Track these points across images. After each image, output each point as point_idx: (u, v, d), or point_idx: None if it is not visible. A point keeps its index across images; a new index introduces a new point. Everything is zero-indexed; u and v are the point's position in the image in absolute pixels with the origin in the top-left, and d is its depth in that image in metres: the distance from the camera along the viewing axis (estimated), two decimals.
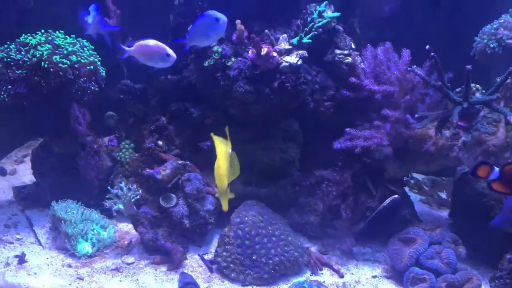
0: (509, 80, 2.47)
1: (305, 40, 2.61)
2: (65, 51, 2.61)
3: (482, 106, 2.43)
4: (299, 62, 2.57)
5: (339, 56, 2.73)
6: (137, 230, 2.60)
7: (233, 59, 2.64)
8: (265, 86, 2.60)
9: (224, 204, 2.04)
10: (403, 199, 2.61)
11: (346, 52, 2.73)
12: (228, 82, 2.62)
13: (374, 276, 2.51)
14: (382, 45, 2.64)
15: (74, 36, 2.74)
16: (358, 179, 2.69)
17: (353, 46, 2.77)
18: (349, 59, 2.72)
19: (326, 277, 2.48)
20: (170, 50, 2.38)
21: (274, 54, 2.56)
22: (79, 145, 2.89)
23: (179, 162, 2.69)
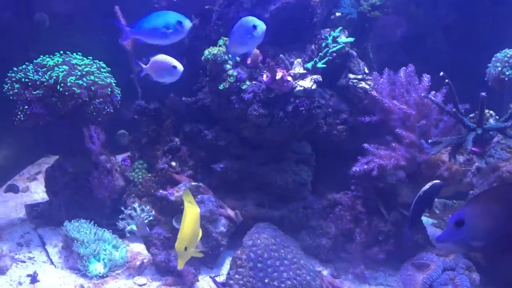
0: None
1: (319, 65, 2.63)
2: (82, 73, 2.65)
3: (496, 132, 2.43)
4: (313, 87, 2.59)
5: (353, 80, 2.74)
6: (149, 251, 2.60)
7: (248, 83, 2.67)
8: (279, 109, 2.62)
9: (180, 263, 1.99)
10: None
11: (359, 76, 2.74)
12: (242, 105, 2.65)
13: None
14: (405, 68, 2.64)
15: (91, 58, 2.78)
16: (370, 202, 2.70)
17: (366, 70, 2.78)
18: (363, 84, 2.73)
19: None
20: (176, 62, 2.36)
21: (289, 78, 2.58)
22: (93, 164, 2.91)
23: (193, 183, 2.70)
